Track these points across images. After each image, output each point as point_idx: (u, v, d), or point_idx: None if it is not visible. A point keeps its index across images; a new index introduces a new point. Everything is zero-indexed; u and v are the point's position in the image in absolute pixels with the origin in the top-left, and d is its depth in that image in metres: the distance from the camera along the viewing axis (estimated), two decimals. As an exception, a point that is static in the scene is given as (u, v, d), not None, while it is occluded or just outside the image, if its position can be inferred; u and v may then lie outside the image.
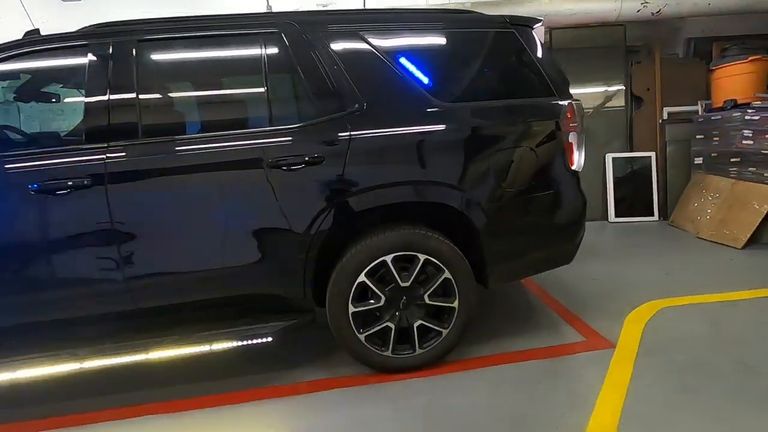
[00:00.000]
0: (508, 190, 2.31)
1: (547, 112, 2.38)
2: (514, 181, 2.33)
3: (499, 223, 2.32)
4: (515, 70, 2.54)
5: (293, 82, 2.32)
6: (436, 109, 2.28)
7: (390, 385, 2.24)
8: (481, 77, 2.55)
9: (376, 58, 2.27)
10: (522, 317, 2.93)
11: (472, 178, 2.28)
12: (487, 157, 2.29)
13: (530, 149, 2.33)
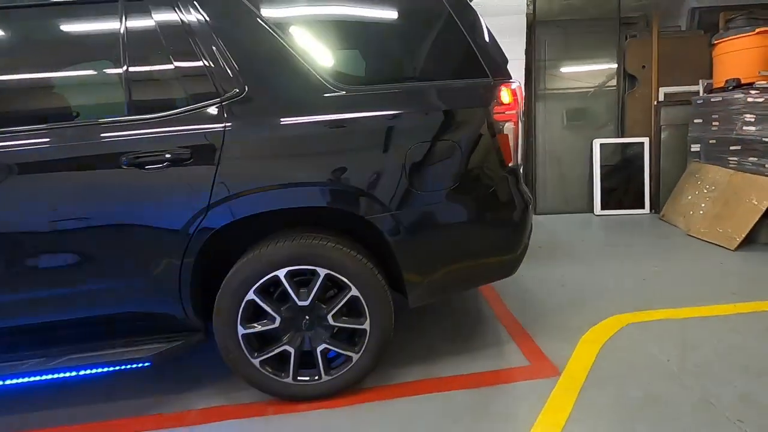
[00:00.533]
0: (425, 192, 1.91)
1: (475, 97, 1.95)
2: (433, 182, 1.92)
3: (414, 232, 1.93)
4: (438, 44, 2.07)
5: (160, 62, 1.90)
6: (334, 95, 1.87)
7: (288, 417, 1.92)
8: (394, 54, 2.11)
9: (262, 31, 1.86)
10: (465, 333, 2.56)
11: (377, 178, 1.88)
12: (396, 153, 1.87)
13: (452, 143, 1.92)
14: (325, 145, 1.89)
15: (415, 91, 1.95)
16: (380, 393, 2.03)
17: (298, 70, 1.86)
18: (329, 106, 1.86)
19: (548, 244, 4.06)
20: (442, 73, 2.04)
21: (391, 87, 1.94)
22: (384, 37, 2.04)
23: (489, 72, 1.96)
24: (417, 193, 1.90)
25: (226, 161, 1.78)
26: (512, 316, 2.71)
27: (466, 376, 2.12)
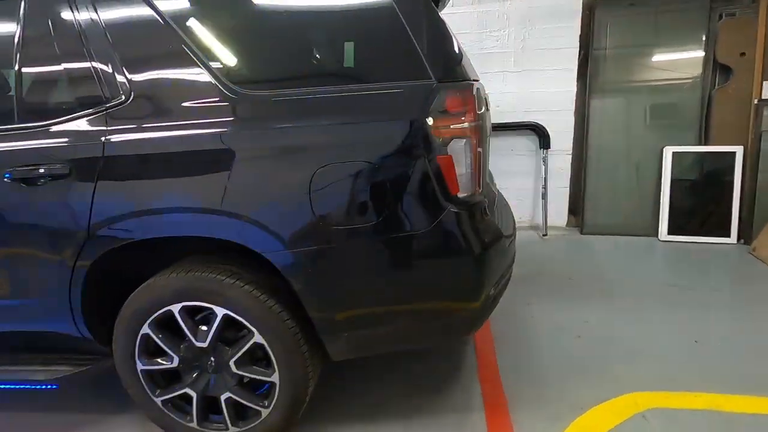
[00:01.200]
0: (336, 227, 1.45)
1: (404, 104, 1.43)
2: (347, 215, 1.45)
3: (322, 275, 1.49)
4: (365, 35, 1.55)
5: (50, 64, 1.64)
6: (227, 103, 1.48)
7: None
8: (304, 48, 1.63)
9: (156, 25, 1.53)
10: (431, 387, 2.02)
11: (273, 206, 1.47)
12: (298, 176, 1.44)
13: (372, 165, 1.42)
14: (205, 163, 1.50)
15: (328, 97, 1.48)
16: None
17: (191, 70, 1.50)
18: (218, 114, 1.48)
19: (583, 276, 3.29)
20: (367, 73, 1.52)
21: (296, 92, 1.49)
22: (292, 26, 1.57)
23: (432, 72, 1.42)
24: (326, 228, 1.44)
25: (104, 180, 1.52)
26: (498, 373, 2.12)
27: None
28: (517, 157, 4.32)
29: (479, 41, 4.15)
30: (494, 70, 4.19)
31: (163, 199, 1.51)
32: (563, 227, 4.40)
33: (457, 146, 1.43)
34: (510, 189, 4.28)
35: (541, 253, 3.78)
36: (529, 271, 3.35)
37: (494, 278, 1.59)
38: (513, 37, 4.09)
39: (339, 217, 1.44)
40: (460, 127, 1.44)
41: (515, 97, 4.21)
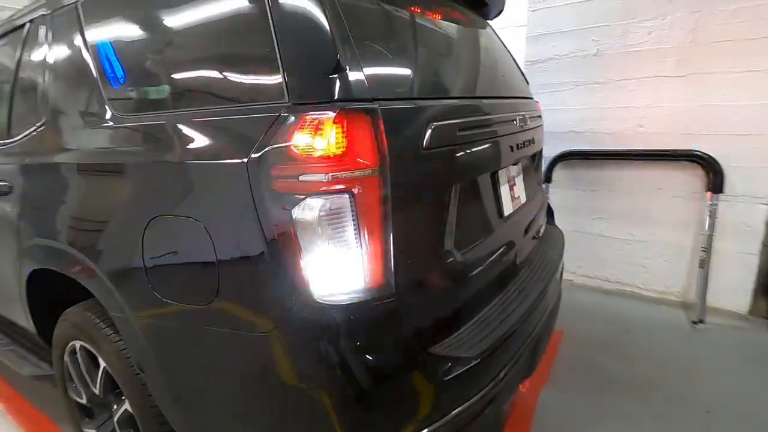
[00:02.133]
0: (168, 300, 1.06)
1: (238, 139, 0.96)
2: (179, 288, 1.05)
3: (157, 358, 1.14)
4: (225, 44, 1.08)
5: (6, 83, 1.69)
6: (102, 128, 1.30)
7: None
8: (155, 62, 1.24)
9: (75, 46, 1.41)
10: None
11: (111, 258, 1.19)
12: (132, 227, 1.11)
13: (199, 225, 0.96)
14: (52, 200, 1.30)
15: (157, 127, 1.11)
16: None
17: (88, 93, 1.35)
18: (88, 141, 1.32)
19: (747, 414, 1.96)
20: (216, 95, 1.06)
21: (151, 117, 1.17)
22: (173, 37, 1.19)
23: (288, 90, 0.88)
24: (158, 299, 1.06)
25: (20, 207, 1.54)
26: None
27: None
28: (671, 199, 2.98)
29: (622, 36, 2.98)
30: (640, 75, 2.96)
31: (35, 232, 1.50)
32: (739, 314, 2.85)
33: (332, 204, 0.81)
34: (653, 244, 3.00)
35: (681, 354, 2.47)
36: (637, 382, 2.21)
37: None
38: (678, 26, 2.79)
39: (169, 289, 1.05)
40: (335, 174, 0.84)
41: (672, 112, 2.89)
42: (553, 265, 1.81)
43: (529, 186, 1.85)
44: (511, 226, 1.56)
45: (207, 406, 1.09)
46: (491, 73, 1.74)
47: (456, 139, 1.14)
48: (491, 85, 1.67)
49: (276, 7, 0.90)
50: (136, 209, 1.10)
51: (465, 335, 1.14)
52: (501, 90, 1.68)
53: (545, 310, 1.58)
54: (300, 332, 0.87)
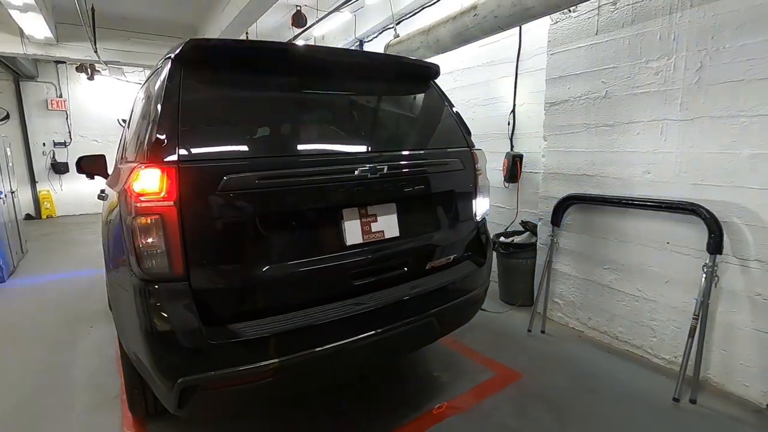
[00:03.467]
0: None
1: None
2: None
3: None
4: None
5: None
6: None
7: None
8: None
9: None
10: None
11: None
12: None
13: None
14: None
15: None
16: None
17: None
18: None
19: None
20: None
21: None
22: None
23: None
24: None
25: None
26: None
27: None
28: (679, 256, 2.61)
29: (629, 77, 2.80)
30: (646, 118, 2.72)
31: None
32: (754, 405, 2.31)
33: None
34: (662, 305, 2.74)
35: None
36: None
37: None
38: (683, 67, 2.52)
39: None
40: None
41: (679, 159, 2.57)
42: (436, 293, 2.05)
43: (414, 223, 2.11)
44: (359, 253, 1.91)
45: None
46: (351, 133, 2.08)
47: (253, 186, 1.65)
48: (342, 143, 2.01)
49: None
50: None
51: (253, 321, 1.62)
52: (362, 146, 2.03)
53: (393, 328, 1.87)
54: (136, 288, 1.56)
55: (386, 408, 2.41)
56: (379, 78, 2.25)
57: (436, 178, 2.21)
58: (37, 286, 4.80)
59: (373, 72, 2.22)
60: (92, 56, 6.56)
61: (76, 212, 9.70)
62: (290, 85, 1.91)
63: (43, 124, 9.44)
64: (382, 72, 2.28)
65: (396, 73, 2.34)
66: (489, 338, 3.24)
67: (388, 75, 2.30)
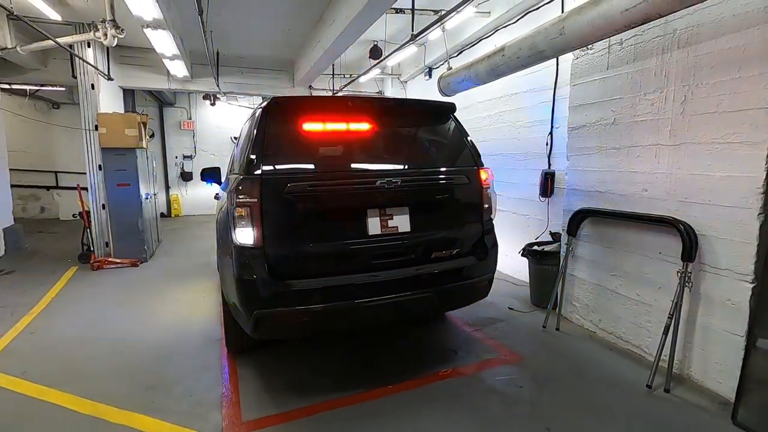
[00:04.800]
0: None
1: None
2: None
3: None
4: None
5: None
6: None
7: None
8: None
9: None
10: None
11: None
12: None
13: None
14: None
15: None
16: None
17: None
18: None
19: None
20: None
21: None
22: None
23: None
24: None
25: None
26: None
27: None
28: (668, 265, 2.93)
29: (631, 107, 3.20)
30: (645, 142, 3.09)
31: None
32: (718, 395, 2.56)
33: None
34: (656, 309, 3.14)
35: (596, 407, 2.65)
36: (521, 408, 2.70)
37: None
38: (671, 99, 2.88)
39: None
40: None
41: (670, 179, 2.92)
42: (436, 276, 2.78)
43: (423, 222, 2.81)
44: (378, 241, 2.68)
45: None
46: (377, 156, 2.86)
47: (306, 191, 2.52)
48: (369, 162, 2.81)
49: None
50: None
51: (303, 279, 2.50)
52: (385, 165, 2.83)
53: (399, 296, 2.62)
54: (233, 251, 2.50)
55: (407, 367, 3.13)
56: (407, 116, 3.04)
57: (443, 190, 2.92)
58: (168, 266, 6.33)
59: (402, 112, 3.02)
60: (215, 88, 8.27)
61: (196, 212, 11.84)
62: (336, 123, 2.78)
63: (176, 141, 11.77)
64: (409, 112, 3.07)
65: (421, 112, 3.11)
66: (507, 330, 3.76)
67: (415, 114, 3.08)
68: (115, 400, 2.74)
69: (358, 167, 2.80)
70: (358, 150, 2.84)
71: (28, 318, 4.22)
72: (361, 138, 2.87)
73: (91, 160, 6.32)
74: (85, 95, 6.33)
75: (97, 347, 3.55)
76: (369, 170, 2.79)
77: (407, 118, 3.05)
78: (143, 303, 4.64)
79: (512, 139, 5.31)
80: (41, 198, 10.92)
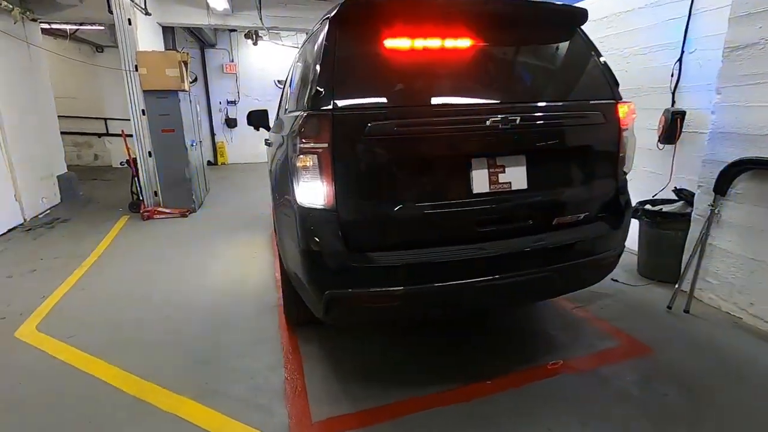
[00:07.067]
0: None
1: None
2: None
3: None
4: None
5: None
6: None
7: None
8: None
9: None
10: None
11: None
12: None
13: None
14: None
15: None
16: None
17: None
18: None
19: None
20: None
21: None
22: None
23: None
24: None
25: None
26: None
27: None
28: None
29: None
30: None
31: None
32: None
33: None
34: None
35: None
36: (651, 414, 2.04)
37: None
38: None
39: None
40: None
41: None
42: (560, 250, 2.07)
43: (543, 176, 2.08)
44: (485, 201, 1.98)
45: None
46: (486, 85, 2.09)
47: (392, 133, 1.82)
48: (476, 94, 2.05)
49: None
50: None
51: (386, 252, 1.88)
52: (496, 97, 2.06)
53: (511, 276, 1.96)
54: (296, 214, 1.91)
55: (501, 353, 2.54)
56: (519, 26, 2.20)
57: (572, 132, 2.13)
58: (217, 216, 6.01)
59: (513, 20, 2.18)
60: (257, 23, 7.49)
61: (241, 161, 11.51)
62: (430, 38, 1.99)
63: (219, 86, 11.24)
64: (523, 20, 2.21)
65: (538, 20, 2.25)
66: (618, 309, 3.06)
67: (530, 23, 2.23)
68: (165, 377, 2.36)
69: (462, 99, 2.05)
70: (459, 75, 2.07)
71: (79, 272, 4.01)
72: (465, 57, 2.09)
73: (134, 104, 5.91)
74: (123, 33, 5.79)
75: (146, 308, 3.22)
76: (476, 104, 2.05)
77: (523, 29, 2.20)
78: (193, 258, 4.31)
79: (617, 72, 4.26)
80: (93, 145, 10.94)
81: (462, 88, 2.06)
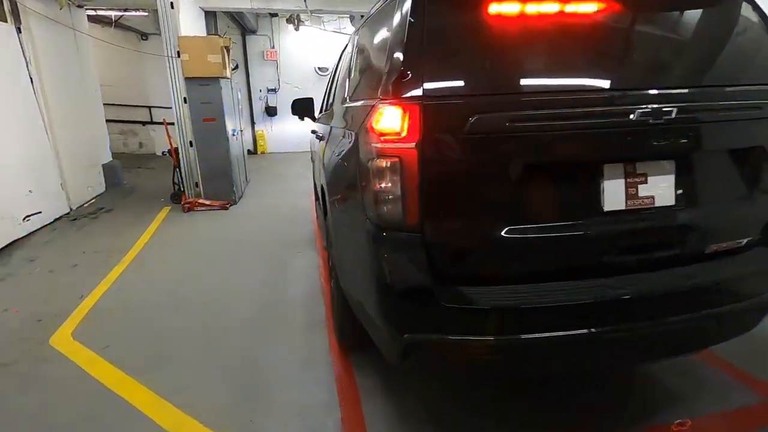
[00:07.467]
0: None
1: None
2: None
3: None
4: None
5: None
6: None
7: None
8: None
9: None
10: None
11: None
12: None
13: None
14: None
15: None
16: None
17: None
18: None
19: None
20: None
21: None
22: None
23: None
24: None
25: None
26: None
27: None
28: None
29: None
30: None
31: None
32: None
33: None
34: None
35: None
36: None
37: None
38: None
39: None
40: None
41: None
42: (719, 288, 1.57)
43: (696, 188, 1.59)
44: (619, 223, 1.51)
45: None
46: (628, 65, 1.58)
47: (504, 129, 1.38)
48: (615, 78, 1.53)
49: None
50: None
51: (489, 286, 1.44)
52: (642, 81, 1.53)
53: (654, 325, 1.48)
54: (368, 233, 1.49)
55: (604, 405, 2.05)
56: None
57: (741, 129, 1.60)
58: (259, 209, 5.78)
59: None
60: (301, 5, 7.13)
61: (281, 150, 11.32)
62: (552, 1, 1.48)
63: (260, 73, 11.04)
64: None
65: None
66: (748, 348, 2.43)
67: None
68: (204, 409, 2.05)
69: (596, 84, 1.53)
70: (593, 53, 1.56)
71: (119, 268, 3.85)
72: (598, 29, 1.56)
73: (176, 92, 5.73)
74: (165, 17, 5.59)
75: (185, 316, 2.97)
76: (618, 92, 1.50)
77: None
78: (232, 256, 4.07)
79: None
80: (138, 133, 11.06)
81: (596, 69, 1.55)
